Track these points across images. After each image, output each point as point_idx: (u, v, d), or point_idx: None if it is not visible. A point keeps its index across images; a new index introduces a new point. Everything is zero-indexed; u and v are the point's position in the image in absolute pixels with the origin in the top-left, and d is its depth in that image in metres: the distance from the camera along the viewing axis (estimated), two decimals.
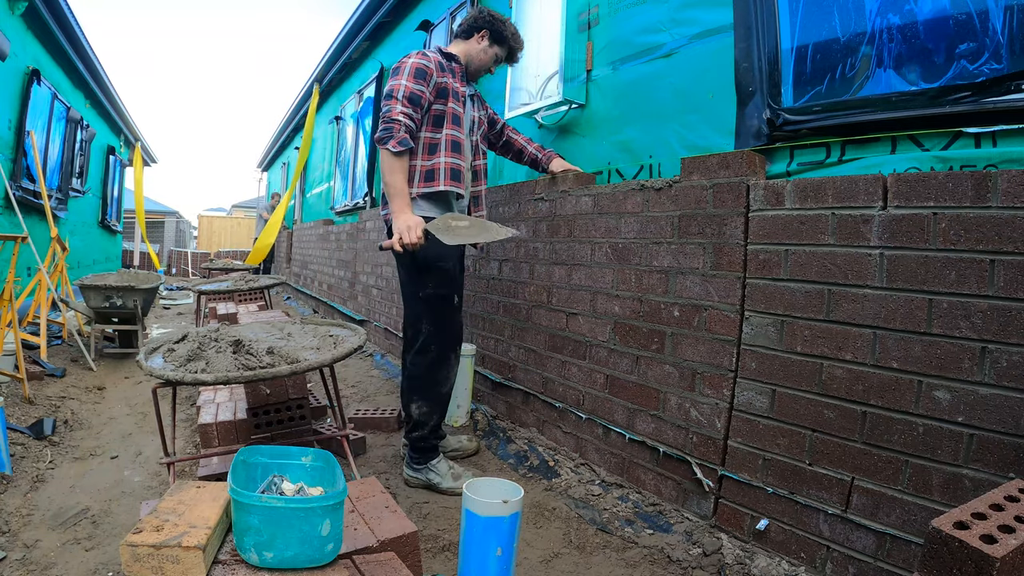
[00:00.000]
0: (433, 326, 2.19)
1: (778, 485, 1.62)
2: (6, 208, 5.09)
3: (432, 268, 2.16)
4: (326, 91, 7.86)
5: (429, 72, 2.12)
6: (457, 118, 2.22)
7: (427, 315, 2.19)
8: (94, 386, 3.65)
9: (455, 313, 2.26)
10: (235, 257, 14.21)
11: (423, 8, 4.70)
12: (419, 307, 2.20)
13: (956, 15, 1.44)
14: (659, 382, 1.99)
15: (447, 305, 2.21)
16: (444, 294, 2.20)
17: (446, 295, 2.21)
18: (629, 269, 2.12)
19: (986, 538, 0.84)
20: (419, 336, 2.20)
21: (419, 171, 2.15)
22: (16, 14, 5.24)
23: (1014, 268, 1.22)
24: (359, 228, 5.37)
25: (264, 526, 1.15)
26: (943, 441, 1.31)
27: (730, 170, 1.78)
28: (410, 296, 2.23)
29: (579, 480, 2.22)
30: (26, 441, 2.51)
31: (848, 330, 1.48)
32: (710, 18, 2.06)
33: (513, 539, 1.42)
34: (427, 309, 2.19)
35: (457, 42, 2.35)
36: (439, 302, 2.19)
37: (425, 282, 2.17)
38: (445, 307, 2.21)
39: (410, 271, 2.20)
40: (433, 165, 2.15)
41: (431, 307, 2.18)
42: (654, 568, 1.71)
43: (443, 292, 2.19)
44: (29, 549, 1.74)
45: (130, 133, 11.27)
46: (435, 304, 2.18)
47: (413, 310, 2.23)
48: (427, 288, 2.17)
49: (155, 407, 1.85)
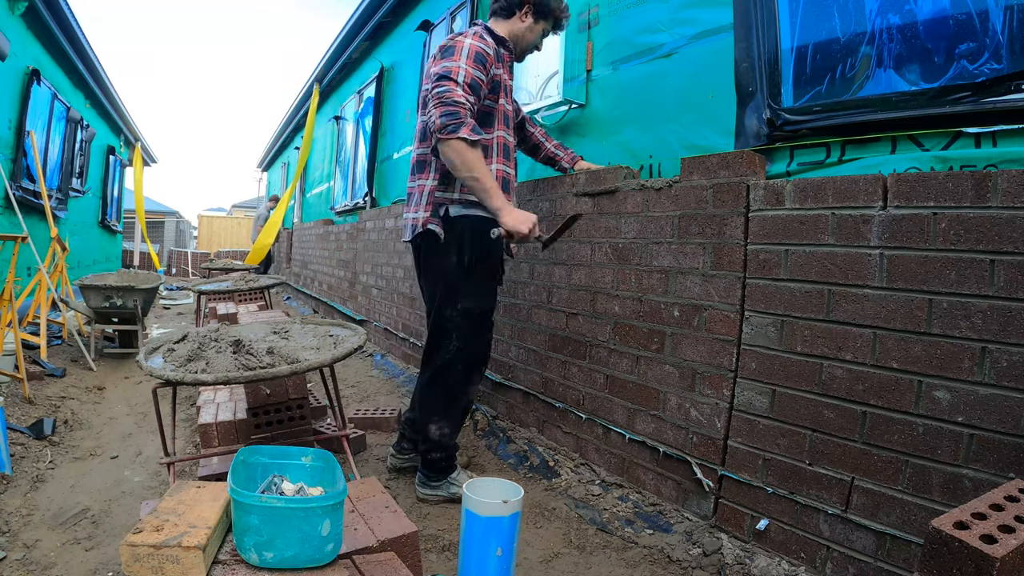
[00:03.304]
0: (463, 343, 1.99)
1: (778, 485, 1.62)
2: (6, 208, 5.09)
3: (480, 278, 1.97)
4: (326, 91, 7.86)
5: (489, 60, 1.86)
6: (507, 118, 2.02)
7: (459, 330, 1.98)
8: (94, 386, 3.65)
9: (489, 330, 2.10)
10: (235, 257, 14.21)
11: (423, 8, 4.70)
12: (453, 321, 1.98)
13: (956, 15, 1.44)
14: (659, 382, 1.99)
15: (484, 321, 2.04)
16: (485, 309, 2.01)
17: (486, 310, 2.02)
18: (629, 269, 2.12)
19: (986, 538, 0.84)
20: (444, 353, 2.02)
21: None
22: (16, 14, 5.24)
23: (1014, 268, 1.22)
24: (359, 228, 5.37)
25: (264, 526, 1.15)
26: (943, 441, 1.31)
27: (730, 170, 1.78)
28: (444, 307, 2.00)
29: (579, 480, 2.22)
30: (26, 441, 2.51)
31: (848, 330, 1.48)
32: (710, 18, 2.06)
33: (513, 539, 1.42)
34: (462, 324, 1.97)
35: (497, 21, 2.06)
36: (478, 318, 2.00)
37: (467, 293, 1.96)
38: (482, 323, 2.03)
39: (451, 279, 1.97)
40: None
41: (467, 322, 1.98)
42: (654, 568, 1.71)
43: (485, 306, 2.00)
44: (29, 549, 1.74)
45: (130, 133, 11.27)
46: (472, 319, 1.98)
47: (443, 323, 2.01)
48: (467, 300, 1.96)
49: (155, 407, 1.85)
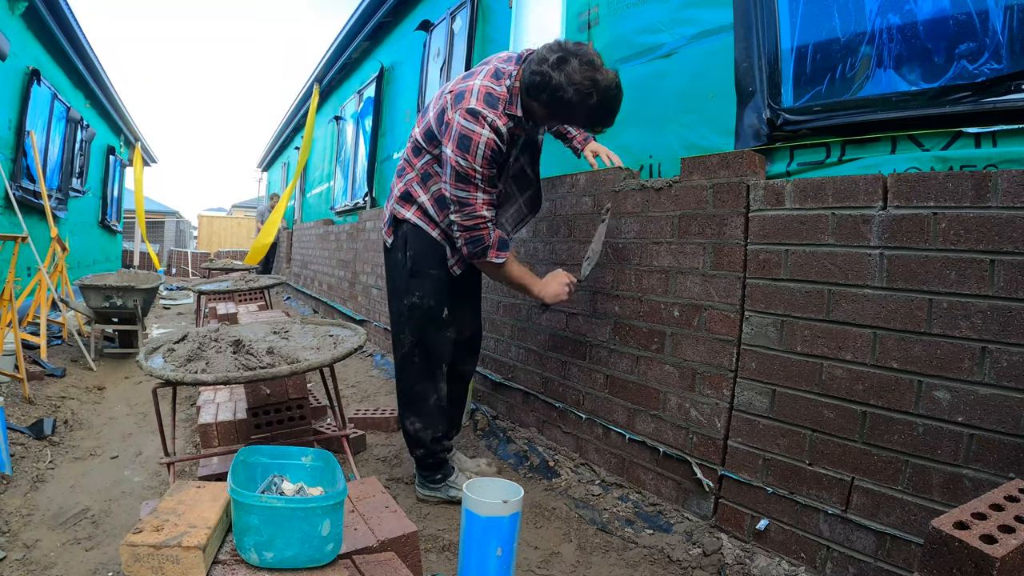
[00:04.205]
0: (415, 336, 2.05)
1: (778, 485, 1.62)
2: (6, 208, 5.09)
3: (420, 275, 2.00)
4: (326, 91, 7.87)
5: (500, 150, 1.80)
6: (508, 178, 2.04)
7: (410, 324, 2.04)
8: (94, 386, 3.65)
9: (441, 328, 2.06)
10: (235, 257, 14.21)
11: (423, 8, 4.70)
12: (403, 315, 2.05)
13: (956, 15, 1.44)
14: (659, 382, 1.99)
15: (432, 316, 2.03)
16: (431, 305, 2.02)
17: (433, 306, 2.02)
18: (629, 269, 2.12)
19: (986, 538, 0.84)
20: (401, 347, 2.08)
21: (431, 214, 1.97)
22: (16, 14, 5.24)
23: (1014, 268, 1.22)
24: (359, 228, 5.37)
25: (264, 526, 1.15)
26: (943, 441, 1.31)
27: (730, 170, 1.78)
28: (392, 303, 2.11)
29: (579, 480, 2.22)
30: (26, 441, 2.51)
31: (848, 330, 1.48)
32: (710, 18, 2.06)
33: (513, 539, 1.42)
34: (410, 317, 2.03)
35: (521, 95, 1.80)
36: (422, 314, 2.02)
37: (412, 290, 2.02)
38: (431, 318, 2.03)
39: (398, 274, 2.06)
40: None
41: (414, 316, 2.03)
42: (654, 568, 1.71)
43: (430, 303, 2.01)
44: (29, 549, 1.74)
45: (130, 133, 11.28)
46: (419, 315, 2.02)
47: (395, 319, 2.11)
48: (412, 296, 2.02)
49: (155, 407, 1.85)
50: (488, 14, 3.61)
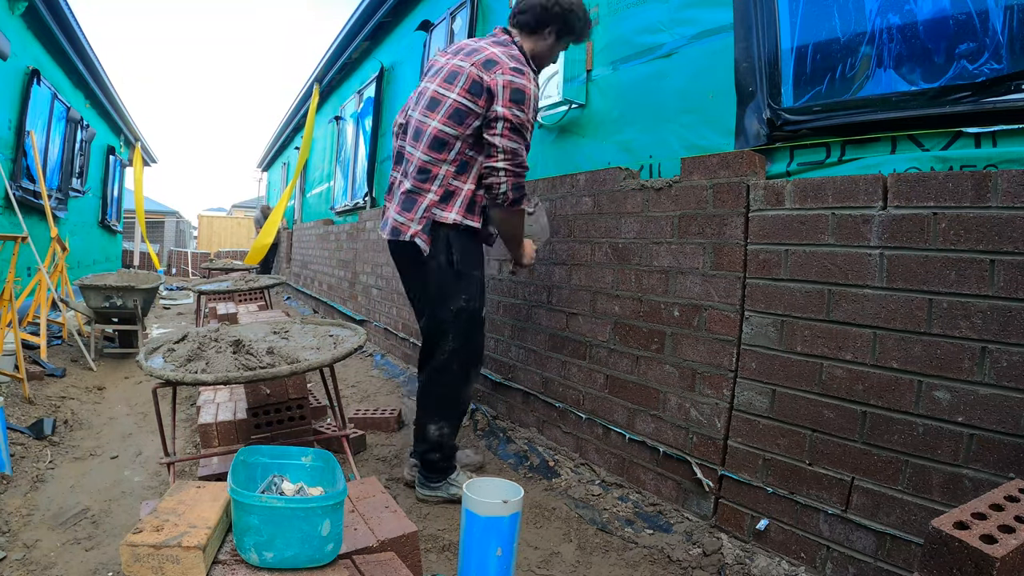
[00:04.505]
0: (458, 342, 2.04)
1: (778, 485, 1.62)
2: (6, 208, 5.09)
3: (467, 277, 2.02)
4: (326, 91, 7.86)
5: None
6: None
7: (454, 330, 2.04)
8: (94, 386, 3.65)
9: (482, 327, 2.15)
10: (235, 257, 14.21)
11: (423, 8, 4.70)
12: (447, 322, 2.04)
13: (956, 15, 1.44)
14: (659, 382, 1.99)
15: (475, 320, 2.08)
16: (476, 307, 2.07)
17: (477, 308, 2.08)
18: (629, 269, 2.12)
19: (986, 538, 0.84)
20: (441, 352, 2.06)
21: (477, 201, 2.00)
22: (16, 14, 5.24)
23: (1014, 268, 1.22)
24: (359, 228, 5.37)
25: (264, 526, 1.15)
26: (943, 441, 1.31)
27: (730, 170, 1.78)
28: (437, 309, 2.06)
29: (579, 480, 2.22)
30: (26, 441, 2.51)
31: (848, 330, 1.48)
32: (710, 18, 2.05)
33: (513, 539, 1.42)
34: (455, 323, 2.03)
35: (523, 36, 2.05)
36: (470, 317, 2.05)
37: (459, 293, 2.02)
38: (473, 322, 2.08)
39: (441, 282, 2.02)
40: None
41: (460, 321, 2.03)
42: (654, 568, 1.71)
43: (475, 306, 2.07)
44: (29, 549, 1.74)
45: (130, 133, 11.27)
46: (465, 318, 2.04)
47: (438, 325, 2.06)
48: (459, 301, 2.02)
49: (155, 407, 1.85)
50: (488, 14, 3.60)
